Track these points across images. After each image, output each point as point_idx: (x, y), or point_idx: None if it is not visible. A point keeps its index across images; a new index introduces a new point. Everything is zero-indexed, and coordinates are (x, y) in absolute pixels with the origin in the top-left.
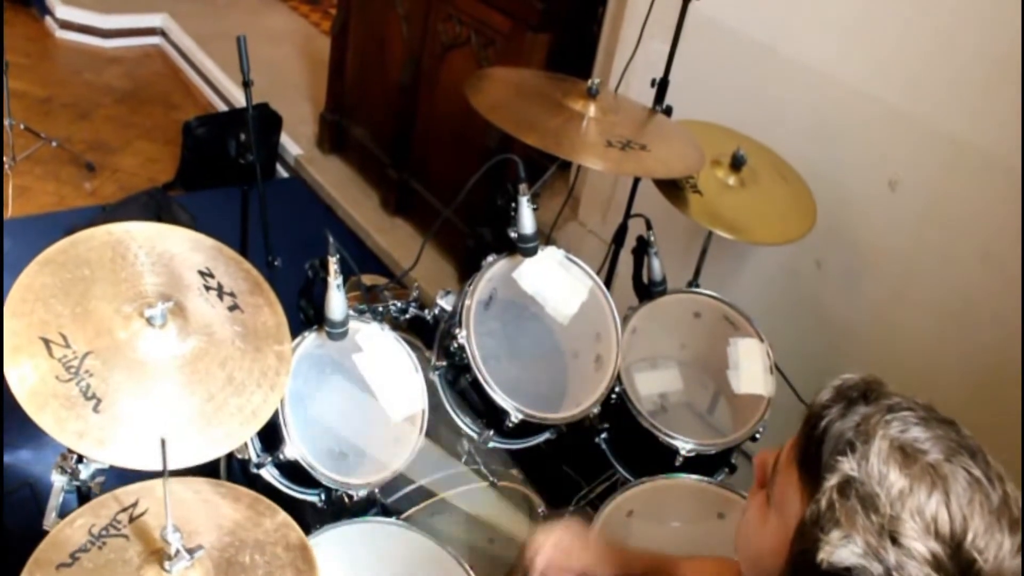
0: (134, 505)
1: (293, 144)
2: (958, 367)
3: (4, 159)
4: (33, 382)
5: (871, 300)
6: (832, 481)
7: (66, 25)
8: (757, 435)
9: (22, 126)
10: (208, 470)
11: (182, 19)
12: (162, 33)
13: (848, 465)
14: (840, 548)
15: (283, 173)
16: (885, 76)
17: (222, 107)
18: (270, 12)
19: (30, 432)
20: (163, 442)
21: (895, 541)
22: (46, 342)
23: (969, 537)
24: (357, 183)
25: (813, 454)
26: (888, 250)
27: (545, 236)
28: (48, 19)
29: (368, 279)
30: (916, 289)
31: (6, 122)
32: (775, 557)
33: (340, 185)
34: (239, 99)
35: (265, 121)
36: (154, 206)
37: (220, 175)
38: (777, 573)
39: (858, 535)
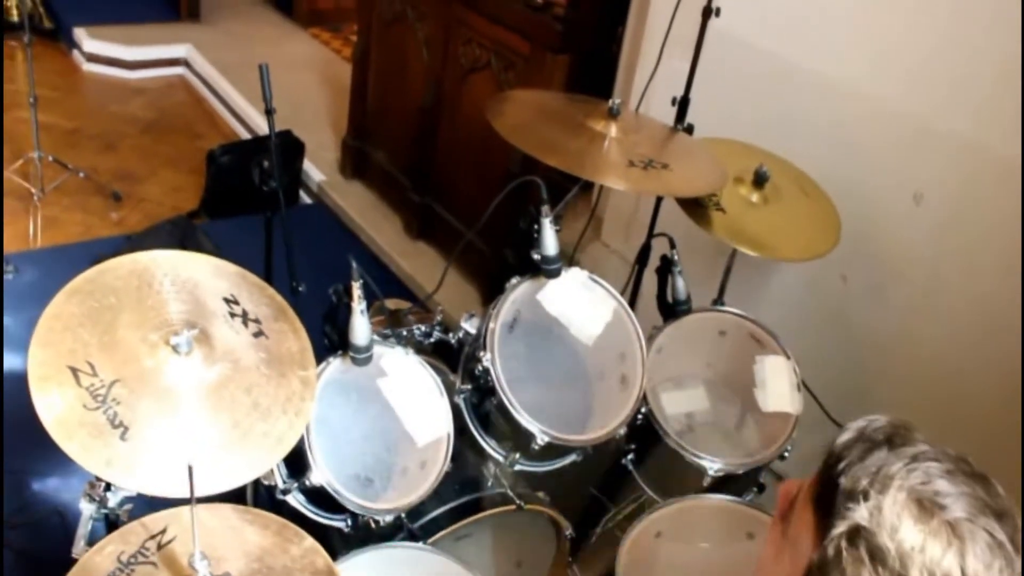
0: (162, 532)
1: (316, 170)
2: (985, 380)
3: (32, 190)
4: (61, 410)
5: (897, 314)
6: (841, 528)
7: (93, 58)
8: (785, 453)
9: (50, 158)
10: (235, 497)
11: (205, 49)
12: (186, 63)
13: (860, 513)
14: None
15: (306, 199)
16: (908, 89)
17: (245, 135)
18: (291, 40)
19: (58, 460)
20: (191, 469)
21: None
22: (74, 371)
23: None
24: (380, 208)
25: (828, 497)
26: (913, 264)
27: (568, 257)
28: (76, 53)
29: (392, 303)
30: (942, 302)
31: (35, 154)
32: None
33: (363, 210)
34: (262, 127)
35: (288, 148)
36: (179, 234)
37: (244, 202)
38: None
39: None
